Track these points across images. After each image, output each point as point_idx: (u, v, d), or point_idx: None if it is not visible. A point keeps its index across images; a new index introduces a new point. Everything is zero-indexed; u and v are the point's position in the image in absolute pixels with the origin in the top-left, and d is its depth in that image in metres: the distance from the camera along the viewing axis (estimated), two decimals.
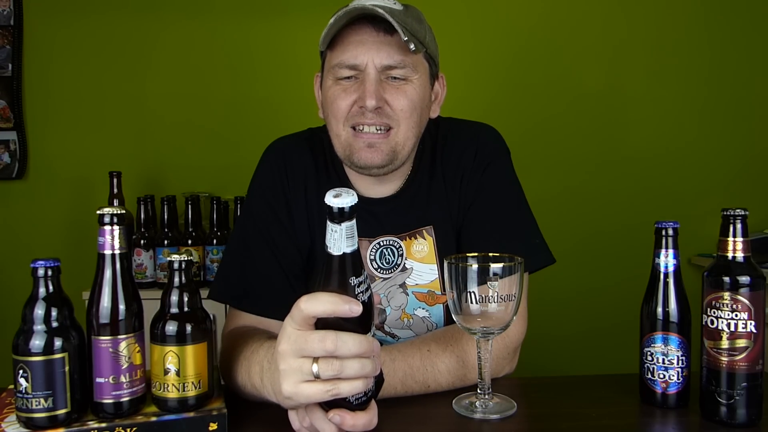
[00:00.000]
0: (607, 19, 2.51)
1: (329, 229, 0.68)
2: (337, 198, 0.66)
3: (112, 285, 0.75)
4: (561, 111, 2.50)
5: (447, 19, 2.29)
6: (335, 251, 0.68)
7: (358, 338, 0.68)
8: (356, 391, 0.69)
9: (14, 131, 2.35)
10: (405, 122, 1.01)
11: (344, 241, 0.67)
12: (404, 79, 1.00)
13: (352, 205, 0.67)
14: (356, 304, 0.67)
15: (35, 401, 0.72)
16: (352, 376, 0.68)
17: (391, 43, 0.97)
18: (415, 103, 1.01)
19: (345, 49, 0.99)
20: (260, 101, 2.41)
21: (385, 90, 0.99)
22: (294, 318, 0.68)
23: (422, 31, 1.01)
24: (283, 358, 0.69)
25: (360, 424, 0.71)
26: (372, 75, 0.98)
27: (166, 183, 2.37)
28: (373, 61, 0.98)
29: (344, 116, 1.01)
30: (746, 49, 2.53)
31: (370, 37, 0.98)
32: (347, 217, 0.67)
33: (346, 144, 1.02)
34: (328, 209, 0.67)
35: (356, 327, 0.69)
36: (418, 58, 1.01)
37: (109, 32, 2.37)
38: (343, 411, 0.70)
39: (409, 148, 1.04)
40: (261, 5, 2.41)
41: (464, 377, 0.95)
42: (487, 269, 0.82)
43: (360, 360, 0.68)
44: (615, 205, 2.52)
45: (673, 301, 0.86)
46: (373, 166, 1.02)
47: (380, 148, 1.00)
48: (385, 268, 1.09)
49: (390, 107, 0.99)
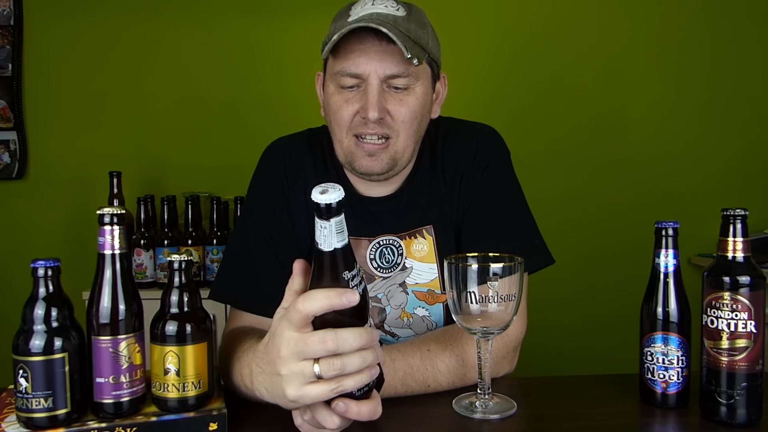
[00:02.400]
0: (607, 20, 2.51)
1: (319, 226, 0.67)
2: (325, 194, 0.65)
3: (112, 285, 0.75)
4: (561, 111, 2.50)
5: (446, 18, 2.29)
6: (326, 247, 0.67)
7: (358, 332, 0.67)
8: (361, 385, 0.69)
9: (14, 131, 2.35)
10: (405, 132, 1.01)
11: (335, 237, 0.67)
12: (406, 89, 1.00)
13: (339, 201, 0.66)
14: (352, 293, 0.66)
15: (35, 401, 0.72)
16: (355, 371, 0.68)
17: (393, 52, 0.97)
18: (416, 113, 1.01)
19: (348, 57, 0.98)
20: (260, 101, 2.41)
21: (387, 101, 0.99)
22: (292, 320, 0.68)
23: (425, 36, 1.01)
24: (284, 364, 0.69)
25: (365, 411, 0.70)
26: (374, 85, 0.98)
27: (166, 183, 2.37)
28: (376, 71, 0.97)
29: (347, 125, 1.01)
30: (746, 49, 2.54)
31: (372, 46, 0.97)
32: (336, 212, 0.66)
33: (348, 151, 1.03)
34: (316, 206, 0.66)
35: (354, 320, 0.68)
36: (421, 66, 1.01)
37: (109, 32, 2.37)
38: (347, 399, 0.70)
39: (408, 154, 1.05)
40: (261, 5, 2.41)
41: (464, 376, 0.95)
42: (487, 269, 0.82)
43: (360, 354, 0.68)
44: (615, 205, 2.52)
45: (673, 301, 0.86)
46: (374, 173, 1.03)
47: (380, 158, 1.01)
48: (385, 267, 1.09)
49: (391, 117, 1.00)
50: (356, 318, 0.69)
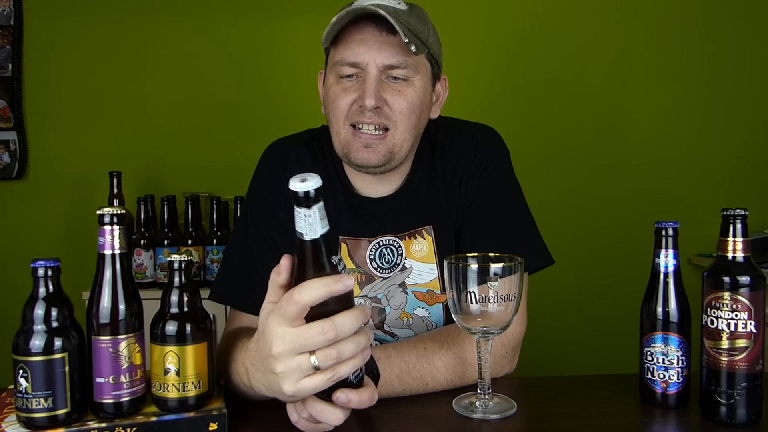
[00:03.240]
0: (607, 20, 2.51)
1: (301, 215, 0.65)
2: (305, 182, 0.65)
3: (112, 285, 0.75)
4: (561, 111, 2.50)
5: (447, 19, 2.28)
6: (312, 235, 0.66)
7: (352, 314, 0.67)
8: (355, 368, 0.69)
9: (14, 131, 2.35)
10: (403, 124, 1.01)
11: (318, 224, 0.66)
12: (405, 80, 1.00)
13: (319, 186, 0.65)
14: (348, 278, 0.66)
15: (35, 401, 0.72)
16: (350, 357, 0.68)
17: (393, 43, 0.98)
18: (414, 105, 1.01)
19: (347, 46, 0.99)
20: (260, 101, 2.41)
21: (385, 90, 0.99)
22: (287, 315, 0.67)
23: (425, 31, 1.01)
24: (279, 361, 0.68)
25: (365, 399, 0.71)
26: (373, 74, 0.98)
27: (166, 183, 2.37)
28: (375, 60, 0.98)
29: (344, 114, 1.01)
30: (746, 49, 2.53)
31: (372, 36, 0.98)
32: (316, 199, 0.65)
33: (345, 142, 1.02)
34: (295, 195, 0.65)
35: (343, 304, 0.68)
36: (420, 59, 1.02)
37: (110, 32, 2.37)
38: (347, 390, 0.70)
39: (406, 148, 1.04)
40: (261, 5, 2.41)
41: (463, 375, 0.95)
42: (487, 269, 0.82)
43: (354, 339, 0.68)
44: (615, 205, 2.52)
45: (673, 301, 0.86)
46: (370, 165, 1.02)
47: (377, 149, 1.01)
48: (384, 267, 1.09)
49: (389, 108, 1.00)
50: (347, 302, 0.68)
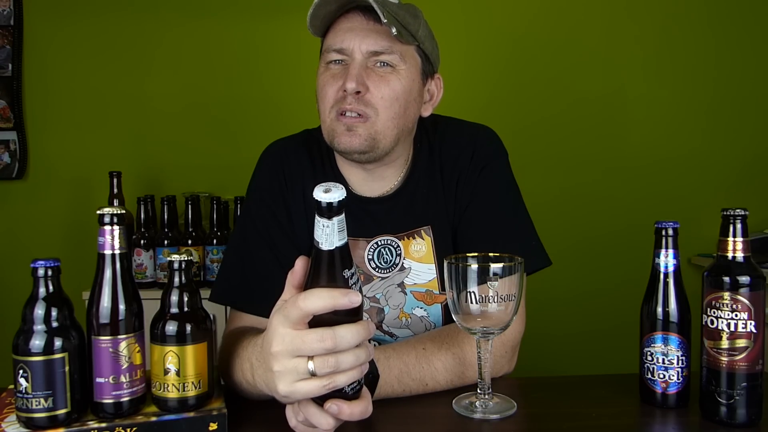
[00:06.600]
0: (606, 19, 2.50)
1: (320, 224, 0.66)
2: (328, 193, 0.65)
3: (112, 285, 0.75)
4: (559, 111, 2.50)
5: (443, 18, 2.29)
6: (327, 246, 0.67)
7: (354, 329, 0.67)
8: (351, 380, 0.69)
9: (14, 131, 2.35)
10: (385, 111, 1.00)
11: (336, 235, 0.67)
12: (391, 67, 1.01)
13: (342, 199, 0.66)
14: (355, 294, 0.66)
15: (35, 401, 0.72)
16: (348, 368, 0.68)
17: (379, 31, 1.00)
18: (398, 94, 1.01)
19: (336, 34, 1.02)
20: (260, 101, 2.41)
21: (369, 77, 1.00)
22: (290, 317, 0.67)
23: (415, 24, 1.02)
24: (276, 360, 0.68)
25: (357, 412, 0.70)
26: (357, 60, 1.00)
27: (166, 183, 2.37)
28: (360, 46, 1.00)
29: (331, 102, 1.02)
30: (747, 50, 2.53)
31: (359, 24, 1.01)
32: (338, 211, 0.66)
33: (330, 128, 1.03)
34: (318, 205, 0.66)
35: (350, 317, 0.68)
36: (408, 50, 1.02)
37: (109, 32, 2.37)
38: (339, 401, 0.70)
39: (390, 138, 1.03)
40: (261, 5, 2.41)
41: (463, 375, 0.95)
42: (487, 269, 0.82)
43: (354, 351, 0.68)
44: (615, 205, 2.52)
45: (673, 301, 0.86)
46: (353, 150, 1.01)
47: (358, 133, 1.00)
48: (383, 267, 1.09)
49: (371, 94, 1.00)
50: (353, 316, 0.69)
